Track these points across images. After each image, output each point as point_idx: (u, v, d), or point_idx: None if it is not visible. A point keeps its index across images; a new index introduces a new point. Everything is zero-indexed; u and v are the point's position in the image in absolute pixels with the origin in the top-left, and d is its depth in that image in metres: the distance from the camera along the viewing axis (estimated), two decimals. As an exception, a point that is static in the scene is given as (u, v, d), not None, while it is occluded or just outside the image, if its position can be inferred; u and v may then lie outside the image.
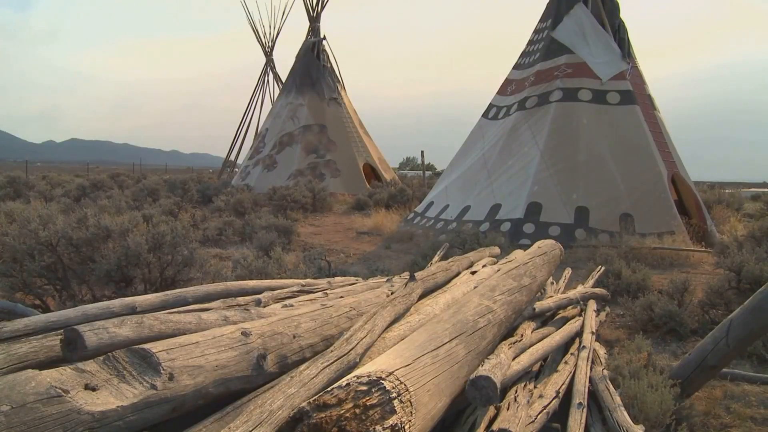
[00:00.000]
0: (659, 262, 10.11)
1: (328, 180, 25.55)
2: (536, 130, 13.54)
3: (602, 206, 12.21)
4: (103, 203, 14.85)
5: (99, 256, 6.39)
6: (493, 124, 15.03)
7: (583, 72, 13.92)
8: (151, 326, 2.54)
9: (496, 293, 3.37)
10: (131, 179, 30.84)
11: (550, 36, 14.75)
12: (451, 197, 14.29)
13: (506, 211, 12.65)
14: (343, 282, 4.99)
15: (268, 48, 37.27)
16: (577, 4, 14.68)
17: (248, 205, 17.08)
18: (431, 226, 13.72)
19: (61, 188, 23.81)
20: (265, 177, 26.37)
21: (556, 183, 12.69)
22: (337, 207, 20.68)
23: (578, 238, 11.58)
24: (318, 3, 29.14)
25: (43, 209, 7.45)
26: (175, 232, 6.63)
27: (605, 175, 12.72)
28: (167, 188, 21.98)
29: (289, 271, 6.94)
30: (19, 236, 6.46)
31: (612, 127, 13.32)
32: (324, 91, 28.48)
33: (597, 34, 14.36)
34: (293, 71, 29.97)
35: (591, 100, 13.59)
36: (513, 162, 13.50)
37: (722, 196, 19.81)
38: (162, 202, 16.91)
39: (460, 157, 15.49)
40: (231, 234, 12.84)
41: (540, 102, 13.97)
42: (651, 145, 13.08)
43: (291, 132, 27.84)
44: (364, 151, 28.10)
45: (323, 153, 27.06)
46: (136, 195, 19.46)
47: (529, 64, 15.04)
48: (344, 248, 12.40)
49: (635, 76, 14.14)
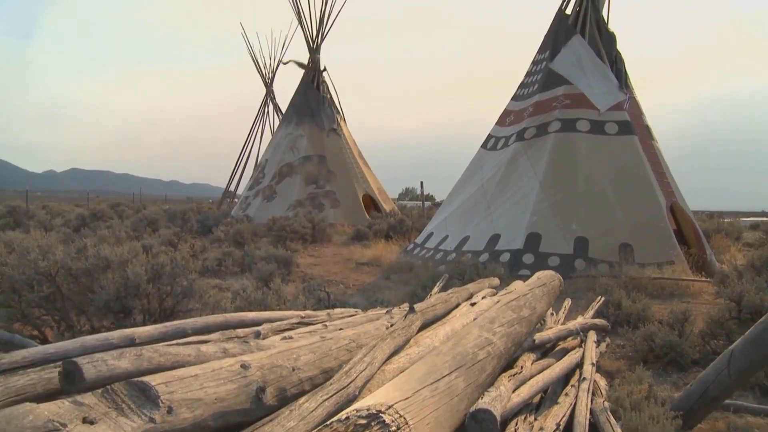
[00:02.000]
0: (659, 292, 10.08)
1: (328, 211, 25.58)
2: (535, 161, 13.60)
3: (601, 236, 12.22)
4: (103, 233, 14.84)
5: (98, 287, 6.38)
6: (492, 155, 15.09)
7: (581, 103, 14.03)
8: (150, 359, 2.54)
9: (495, 325, 3.36)
10: (131, 209, 30.85)
11: (548, 67, 14.88)
12: (451, 228, 14.30)
13: (505, 241, 12.65)
14: (343, 314, 4.98)
15: (268, 79, 37.55)
16: (575, 35, 14.83)
17: (248, 236, 17.08)
18: (431, 257, 13.71)
19: (61, 218, 23.81)
20: (264, 207, 26.41)
21: (555, 213, 12.71)
22: (337, 238, 20.67)
23: (578, 268, 11.57)
24: (318, 35, 29.42)
25: (42, 239, 7.44)
26: (175, 262, 6.62)
27: (604, 206, 12.75)
28: (167, 218, 22.00)
29: (288, 302, 6.92)
30: (18, 266, 6.45)
31: (610, 157, 13.38)
32: (324, 122, 28.64)
33: (594, 66, 14.49)
34: (293, 102, 30.18)
35: (589, 131, 13.67)
36: (512, 192, 13.54)
37: (721, 225, 19.82)
38: (162, 233, 16.91)
39: (460, 187, 15.53)
40: (230, 265, 12.82)
41: (539, 133, 14.05)
42: (649, 175, 13.13)
43: (291, 163, 27.94)
44: (364, 182, 28.17)
45: (323, 184, 27.13)
46: (136, 225, 19.46)
47: (528, 95, 15.16)
48: (344, 279, 12.38)
49: (633, 107, 14.24)
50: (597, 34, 14.84)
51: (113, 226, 18.16)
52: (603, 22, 15.14)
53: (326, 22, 29.15)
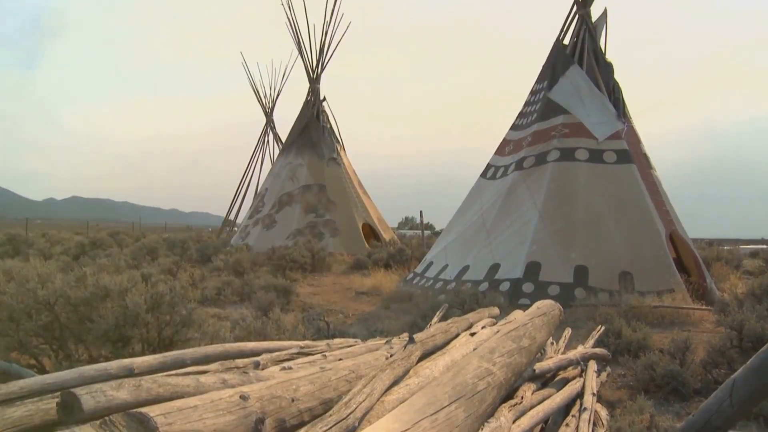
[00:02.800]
0: (660, 321, 10.04)
1: (328, 240, 25.56)
2: (534, 190, 13.64)
3: (601, 265, 12.21)
4: (102, 262, 14.83)
5: (97, 316, 6.35)
6: (491, 184, 15.13)
7: (579, 132, 14.10)
8: (149, 389, 2.52)
9: (495, 355, 3.35)
10: (131, 237, 30.87)
11: (546, 97, 14.99)
12: (450, 257, 14.29)
13: (505, 270, 12.63)
14: (342, 344, 4.96)
15: (268, 108, 37.76)
16: (573, 65, 14.96)
17: (247, 265, 17.06)
18: (430, 286, 13.68)
19: (61, 246, 23.82)
20: (264, 236, 26.39)
21: (554, 242, 12.72)
22: (336, 267, 20.63)
23: (578, 297, 11.54)
24: (318, 65, 29.66)
25: (41, 267, 7.44)
26: (174, 291, 6.61)
27: (604, 234, 12.76)
28: (166, 247, 21.99)
29: (287, 332, 6.91)
30: (17, 295, 6.43)
31: (609, 186, 13.42)
32: (323, 151, 28.75)
33: (592, 95, 14.59)
34: (293, 131, 30.32)
35: (588, 160, 13.73)
36: (511, 222, 13.56)
37: (721, 253, 19.79)
38: (161, 261, 16.89)
39: (459, 217, 15.54)
40: (230, 294, 12.79)
41: (537, 162, 14.11)
42: (648, 204, 13.15)
43: (290, 192, 27.99)
44: (363, 211, 28.20)
45: (322, 213, 27.15)
46: (135, 254, 19.44)
47: (527, 125, 15.24)
48: (343, 308, 12.35)
49: (631, 136, 14.32)
50: (595, 64, 14.97)
51: (113, 255, 18.16)
52: (600, 52, 15.27)
53: (326, 52, 29.43)
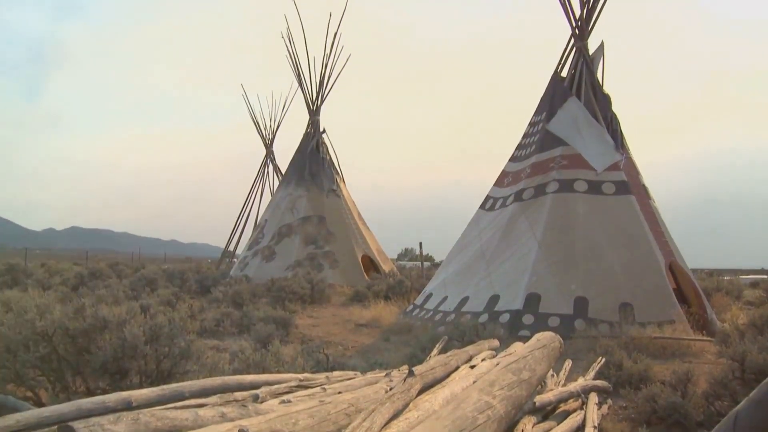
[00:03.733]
0: (661, 352, 9.99)
1: (327, 271, 25.48)
2: (533, 221, 13.65)
3: (601, 296, 12.17)
4: (101, 293, 14.79)
5: (95, 347, 6.33)
6: (490, 216, 15.14)
7: (578, 163, 14.16)
8: (147, 423, 2.51)
9: (495, 388, 3.34)
10: (130, 268, 30.78)
11: (545, 129, 15.07)
12: (450, 289, 14.25)
13: (505, 302, 12.59)
14: (342, 377, 4.94)
15: (268, 140, 37.87)
16: (571, 97, 15.07)
17: (246, 296, 16.99)
18: (430, 318, 13.62)
19: (60, 276, 23.74)
20: (263, 268, 26.33)
21: (554, 273, 12.70)
22: (336, 298, 20.56)
23: (578, 328, 11.49)
24: (318, 97, 29.83)
25: (40, 298, 7.42)
26: (173, 323, 6.59)
27: (603, 265, 12.74)
28: (165, 278, 21.93)
29: (287, 364, 6.87)
30: (15, 326, 6.41)
31: (608, 217, 13.44)
32: (323, 183, 28.80)
33: (591, 127, 14.67)
34: (293, 163, 30.40)
35: (587, 191, 13.76)
36: (511, 253, 13.55)
37: (721, 283, 19.74)
38: (160, 292, 16.84)
39: (458, 248, 15.53)
40: (229, 325, 12.73)
41: (536, 193, 14.14)
42: (647, 234, 13.16)
43: (290, 223, 27.99)
44: (363, 243, 28.17)
45: (322, 244, 27.12)
46: (134, 284, 19.38)
47: (525, 156, 15.30)
48: (343, 340, 12.29)
49: (629, 167, 14.38)
50: (592, 95, 15.08)
51: (111, 286, 18.11)
52: (598, 84, 15.39)
53: (326, 84, 29.61)
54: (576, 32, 15.60)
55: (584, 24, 15.50)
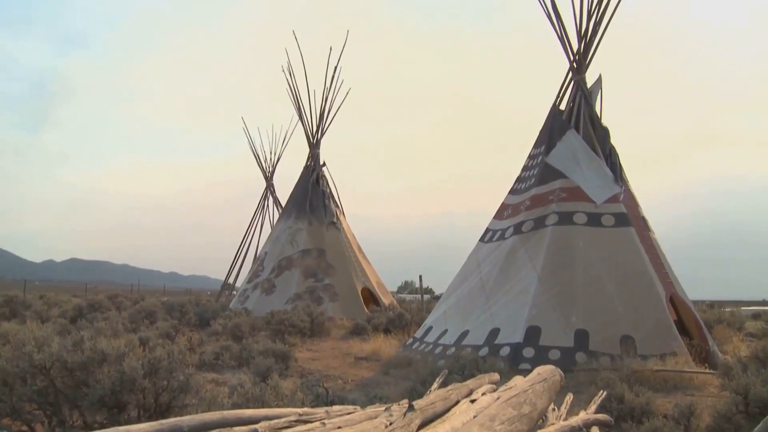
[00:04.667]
0: (662, 385, 9.93)
1: (327, 304, 25.39)
2: (533, 254, 13.65)
3: (602, 329, 12.14)
4: (100, 325, 14.73)
5: (93, 381, 6.30)
6: (490, 248, 15.15)
7: (577, 196, 14.20)
8: (145, 458, 2.49)
9: (495, 423, 3.32)
10: (129, 300, 30.66)
11: (544, 161, 15.15)
12: (450, 322, 14.20)
13: (505, 335, 12.55)
14: (341, 411, 4.90)
15: (268, 173, 38.03)
16: (569, 130, 15.17)
17: (246, 329, 16.93)
18: (430, 351, 13.56)
19: (58, 308, 23.66)
20: (263, 301, 26.25)
21: (554, 306, 12.67)
22: (336, 332, 20.48)
23: (579, 361, 11.44)
24: (318, 130, 30.00)
25: (38, 331, 7.40)
26: (172, 356, 6.56)
27: (603, 297, 12.72)
28: (165, 310, 21.85)
29: (286, 398, 6.82)
30: (12, 359, 6.38)
31: (608, 249, 13.45)
32: (323, 215, 28.82)
33: (590, 159, 14.76)
34: (293, 196, 30.48)
35: (586, 223, 13.79)
36: (511, 286, 13.53)
37: (722, 315, 19.70)
38: (159, 325, 16.77)
39: (458, 281, 15.51)
40: (228, 358, 12.67)
41: (536, 226, 14.16)
42: (648, 266, 13.16)
43: (290, 256, 27.96)
44: (363, 276, 28.12)
45: (322, 277, 27.06)
46: (134, 317, 19.30)
47: (525, 189, 15.36)
48: (342, 374, 12.23)
49: (628, 199, 14.43)
50: (591, 128, 15.19)
51: (110, 318, 18.02)
52: (596, 117, 15.52)
53: (326, 117, 29.80)
54: (574, 66, 15.78)
55: (582, 58, 15.68)
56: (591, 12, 15.46)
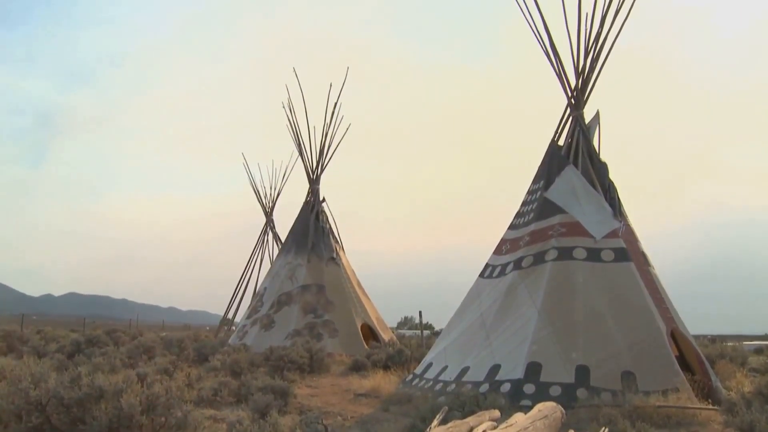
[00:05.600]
0: (665, 422, 9.85)
1: (326, 340, 25.26)
2: (533, 289, 13.63)
3: (603, 364, 12.06)
4: (98, 361, 14.65)
5: (90, 418, 6.24)
6: (489, 284, 15.13)
7: (577, 231, 14.23)
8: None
9: (496, 458, 3.29)
10: (127, 335, 30.49)
11: (543, 197, 15.20)
12: (450, 358, 14.12)
13: (506, 371, 12.46)
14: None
15: (268, 208, 38.13)
16: (568, 166, 15.26)
17: (245, 365, 16.81)
18: (430, 388, 13.46)
19: (56, 343, 23.55)
20: (262, 336, 26.10)
21: (555, 342, 12.61)
22: (335, 368, 20.34)
23: (580, 397, 11.34)
24: (318, 166, 30.15)
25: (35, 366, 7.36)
26: (170, 393, 6.52)
27: (604, 333, 12.66)
28: (163, 346, 21.73)
29: (284, 434, 6.77)
30: (8, 395, 6.34)
31: (608, 284, 13.43)
32: (323, 251, 28.81)
33: (588, 195, 14.81)
34: (293, 231, 30.49)
35: (586, 258, 13.79)
36: (511, 321, 13.48)
37: (724, 350, 19.58)
38: (157, 361, 16.68)
39: (458, 317, 15.46)
40: (226, 395, 12.57)
41: (536, 261, 14.16)
42: (648, 301, 13.13)
43: (289, 292, 27.87)
44: (362, 312, 28.01)
45: (321, 313, 26.94)
46: (132, 352, 19.20)
47: (524, 224, 15.39)
48: (342, 411, 12.12)
49: (628, 234, 14.45)
50: (589, 164, 15.28)
51: (108, 353, 17.93)
52: (595, 153, 15.62)
53: (326, 153, 29.96)
54: (572, 102, 15.94)
55: (579, 94, 15.85)
56: (588, 49, 15.68)
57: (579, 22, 15.59)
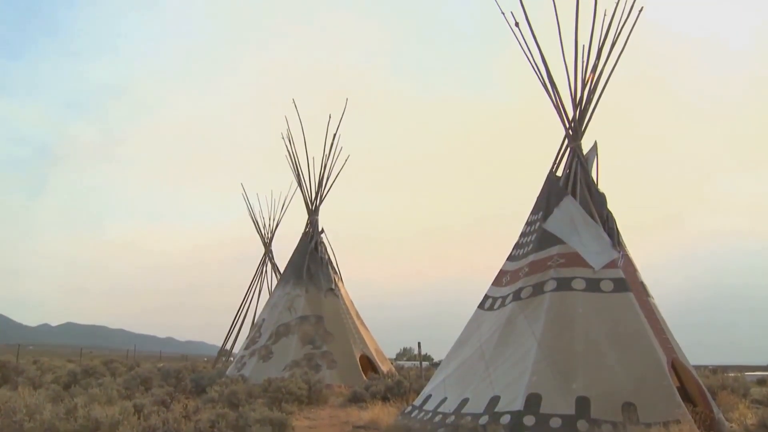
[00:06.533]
0: (668, 454, 9.75)
1: (325, 371, 25.12)
2: (532, 320, 13.59)
3: (603, 396, 11.97)
4: (94, 392, 14.55)
5: (85, 451, 6.19)
6: (489, 315, 15.09)
7: (575, 262, 14.22)
8: None
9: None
10: (124, 366, 30.36)
11: (541, 228, 15.22)
12: (449, 389, 14.02)
13: (505, 403, 12.37)
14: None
15: (267, 239, 38.15)
16: (566, 197, 15.30)
17: (243, 397, 16.70)
18: (429, 420, 13.35)
19: (52, 374, 23.40)
20: (260, 368, 25.95)
21: (554, 373, 12.53)
22: (334, 399, 20.22)
23: (581, 429, 11.26)
24: (317, 197, 30.22)
25: (31, 397, 7.31)
26: (167, 424, 6.48)
27: (604, 364, 12.59)
28: (161, 377, 21.60)
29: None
30: (2, 428, 6.29)
31: (607, 314, 13.39)
32: (321, 282, 28.76)
33: (587, 225, 14.83)
34: (291, 262, 30.45)
35: (585, 289, 13.76)
36: (510, 353, 13.41)
37: (726, 381, 19.41)
38: (154, 392, 16.56)
39: (457, 348, 15.37)
40: (224, 426, 12.43)
41: (535, 292, 14.13)
42: (648, 332, 13.07)
43: (288, 323, 27.76)
44: (361, 343, 27.88)
45: (320, 344, 26.82)
46: (129, 383, 19.08)
47: (523, 255, 15.39)
48: (340, 442, 12.02)
49: (627, 264, 14.44)
50: (588, 194, 15.32)
51: (105, 384, 17.81)
52: (593, 183, 15.68)
53: (325, 184, 30.05)
54: (570, 133, 16.04)
55: (577, 125, 15.96)
56: (585, 81, 15.83)
57: (576, 54, 15.78)
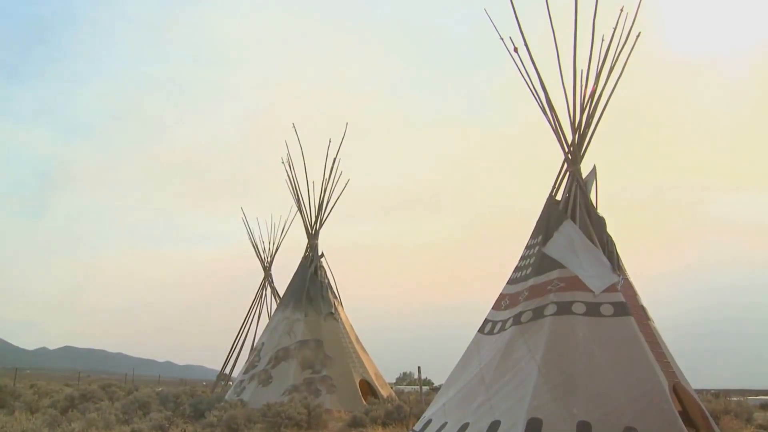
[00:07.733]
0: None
1: (324, 396, 24.96)
2: (532, 345, 13.55)
3: (604, 420, 11.91)
4: (92, 416, 14.46)
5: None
6: (489, 339, 15.05)
7: (575, 286, 14.22)
8: None
9: None
10: (123, 390, 30.17)
11: (541, 252, 15.24)
12: (450, 414, 13.95)
13: (506, 427, 12.30)
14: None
15: (266, 263, 38.08)
16: (566, 220, 15.35)
17: (242, 421, 16.63)
18: (429, 444, 13.27)
19: (49, 398, 23.25)
20: (259, 392, 25.79)
21: (555, 397, 12.47)
22: (333, 424, 20.09)
23: (582, 455, 11.18)
24: (317, 221, 30.23)
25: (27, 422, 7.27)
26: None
27: (605, 388, 12.54)
28: (159, 401, 21.48)
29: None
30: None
31: (608, 338, 13.36)
32: (321, 306, 28.67)
33: (587, 249, 14.85)
34: (291, 286, 30.37)
35: (585, 313, 13.74)
36: (511, 377, 13.36)
37: (729, 405, 19.25)
38: (153, 416, 16.47)
39: (457, 372, 15.31)
40: (222, 451, 12.39)
41: (535, 316, 14.11)
42: (648, 356, 13.04)
43: (287, 347, 27.63)
44: (361, 367, 27.74)
45: (319, 368, 26.68)
46: (127, 408, 18.97)
47: (523, 279, 15.39)
48: (339, 467, 11.93)
49: (627, 288, 14.46)
50: (587, 218, 15.37)
51: (103, 409, 17.71)
52: (592, 207, 15.73)
53: (325, 209, 30.07)
54: (569, 157, 16.13)
55: (576, 149, 16.06)
56: (584, 105, 15.95)
57: (574, 79, 15.91)
